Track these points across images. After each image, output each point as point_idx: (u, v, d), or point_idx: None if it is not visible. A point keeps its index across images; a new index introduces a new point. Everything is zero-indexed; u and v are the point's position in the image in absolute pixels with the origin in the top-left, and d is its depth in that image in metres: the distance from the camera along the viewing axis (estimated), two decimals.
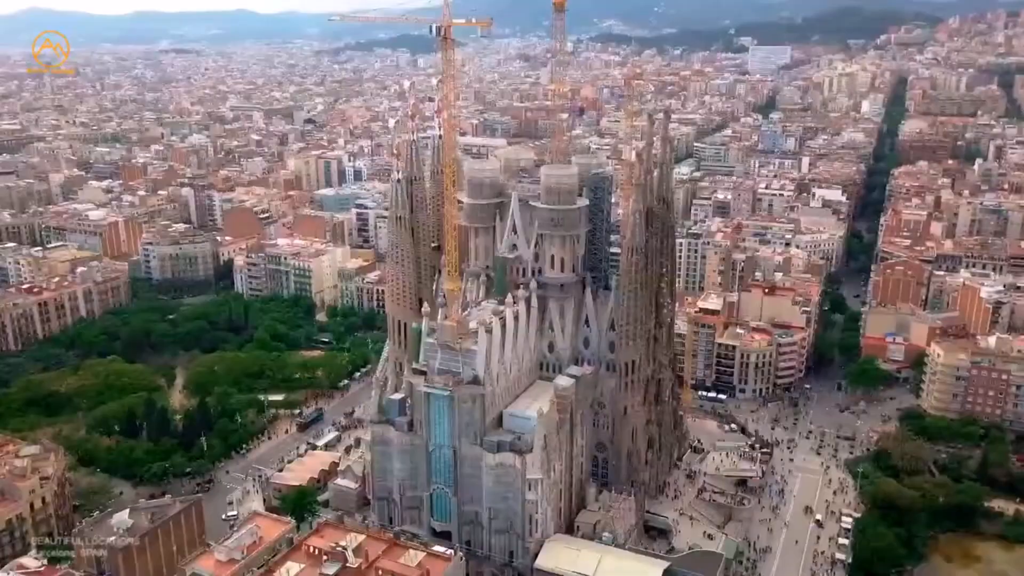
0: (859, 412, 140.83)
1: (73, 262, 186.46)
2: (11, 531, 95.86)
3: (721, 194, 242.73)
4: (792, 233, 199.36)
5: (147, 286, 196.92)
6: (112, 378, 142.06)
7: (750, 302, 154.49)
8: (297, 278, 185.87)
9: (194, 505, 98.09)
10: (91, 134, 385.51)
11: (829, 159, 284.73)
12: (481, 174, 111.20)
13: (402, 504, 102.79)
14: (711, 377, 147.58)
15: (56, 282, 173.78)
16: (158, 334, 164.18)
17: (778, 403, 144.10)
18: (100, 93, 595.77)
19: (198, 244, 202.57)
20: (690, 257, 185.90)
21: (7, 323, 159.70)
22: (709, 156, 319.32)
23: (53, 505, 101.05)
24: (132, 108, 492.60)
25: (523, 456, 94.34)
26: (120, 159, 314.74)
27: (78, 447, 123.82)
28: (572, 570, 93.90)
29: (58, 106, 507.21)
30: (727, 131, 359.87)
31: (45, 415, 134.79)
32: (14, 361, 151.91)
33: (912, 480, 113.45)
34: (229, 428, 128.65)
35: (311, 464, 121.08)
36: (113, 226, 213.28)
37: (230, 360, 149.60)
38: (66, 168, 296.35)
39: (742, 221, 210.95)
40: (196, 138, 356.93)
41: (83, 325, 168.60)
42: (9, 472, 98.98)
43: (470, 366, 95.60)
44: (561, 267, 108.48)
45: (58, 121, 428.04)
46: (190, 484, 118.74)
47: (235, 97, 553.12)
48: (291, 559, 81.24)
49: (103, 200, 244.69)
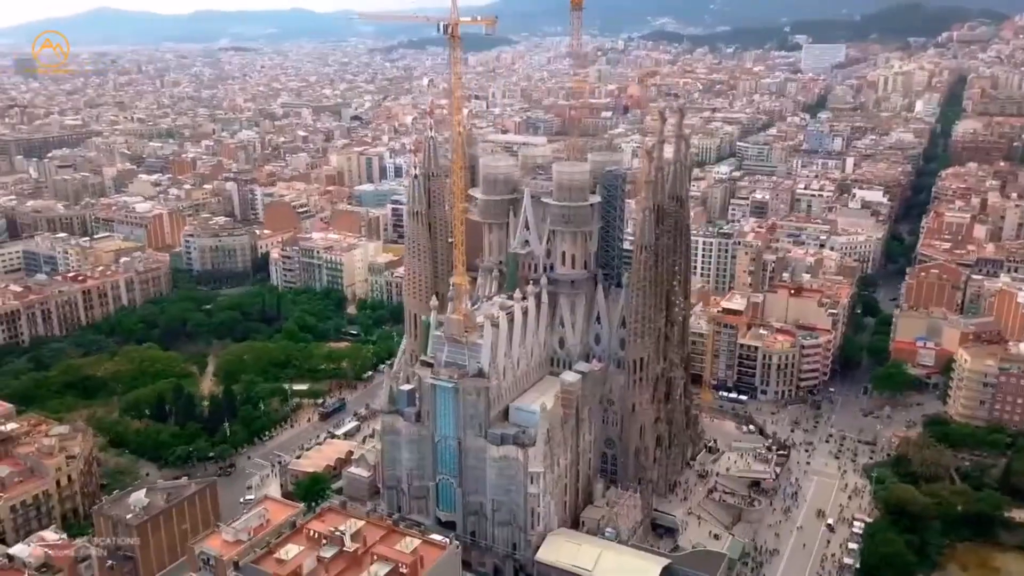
0: (883, 417, 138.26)
1: (117, 252, 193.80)
2: (37, 506, 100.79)
3: (759, 194, 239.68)
4: (827, 234, 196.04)
5: (187, 277, 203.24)
6: (146, 364, 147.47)
7: (775, 303, 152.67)
8: (329, 271, 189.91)
9: (208, 487, 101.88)
10: (147, 130, 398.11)
11: (874, 160, 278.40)
12: (495, 170, 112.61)
13: (410, 493, 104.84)
14: (733, 378, 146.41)
15: (100, 271, 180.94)
16: (193, 323, 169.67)
17: (800, 405, 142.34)
18: (159, 90, 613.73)
19: (237, 237, 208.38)
20: (720, 257, 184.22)
21: (52, 309, 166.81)
22: (752, 156, 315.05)
23: (79, 483, 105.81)
24: (188, 105, 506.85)
25: (526, 449, 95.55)
26: (171, 154, 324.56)
27: (110, 429, 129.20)
28: (571, 564, 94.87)
29: (119, 102, 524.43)
30: (772, 130, 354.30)
31: (82, 398, 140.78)
32: (57, 346, 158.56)
33: (929, 487, 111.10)
34: (252, 415, 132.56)
35: (328, 452, 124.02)
36: (158, 218, 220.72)
37: (258, 349, 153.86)
38: (120, 162, 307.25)
39: (776, 221, 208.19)
40: (245, 134, 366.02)
41: (124, 313, 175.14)
42: (37, 450, 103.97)
43: (475, 359, 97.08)
44: (572, 263, 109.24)
45: (117, 117, 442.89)
46: (213, 468, 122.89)
47: (287, 94, 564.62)
48: (292, 541, 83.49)
49: (151, 193, 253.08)
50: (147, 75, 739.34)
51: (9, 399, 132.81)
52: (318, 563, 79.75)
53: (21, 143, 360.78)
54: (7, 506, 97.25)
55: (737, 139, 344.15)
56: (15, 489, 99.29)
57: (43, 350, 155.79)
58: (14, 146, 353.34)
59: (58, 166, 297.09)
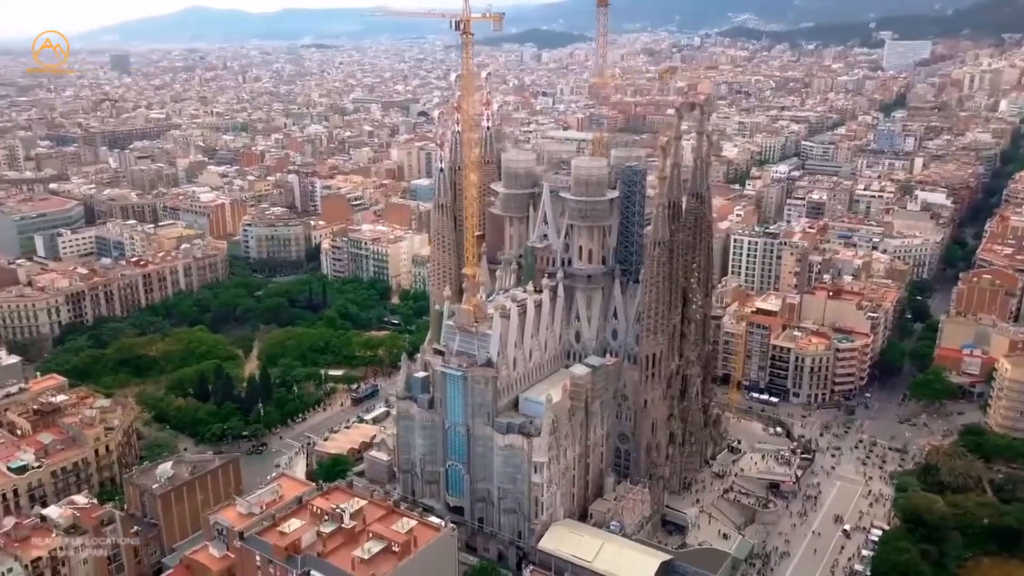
0: (920, 425, 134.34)
1: (179, 239, 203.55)
2: (77, 472, 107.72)
3: (816, 194, 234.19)
4: (880, 236, 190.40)
5: (244, 264, 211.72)
6: (194, 345, 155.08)
7: (813, 305, 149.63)
8: (376, 262, 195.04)
9: (232, 463, 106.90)
10: (223, 123, 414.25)
11: (944, 161, 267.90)
12: (516, 164, 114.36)
13: (422, 478, 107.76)
14: (765, 379, 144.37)
15: (161, 257, 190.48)
16: (243, 308, 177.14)
17: (833, 410, 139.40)
18: (240, 86, 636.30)
19: (291, 227, 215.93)
20: (765, 257, 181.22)
21: (115, 292, 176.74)
22: (816, 155, 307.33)
23: (117, 453, 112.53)
24: (265, 100, 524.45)
25: (530, 439, 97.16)
26: (242, 146, 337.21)
27: (154, 405, 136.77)
28: (572, 554, 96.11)
29: (202, 97, 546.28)
30: (841, 129, 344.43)
31: (134, 375, 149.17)
32: (116, 326, 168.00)
33: (954, 497, 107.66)
34: (286, 398, 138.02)
35: (354, 436, 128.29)
36: (220, 208, 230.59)
37: (299, 335, 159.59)
38: (193, 154, 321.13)
39: (828, 222, 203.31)
40: (314, 128, 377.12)
41: (180, 297, 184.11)
42: (80, 421, 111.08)
43: (485, 349, 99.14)
44: (589, 258, 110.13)
45: (197, 111, 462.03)
46: (246, 446, 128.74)
47: (360, 90, 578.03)
48: (296, 516, 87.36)
49: (218, 184, 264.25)
50: (231, 71, 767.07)
51: (68, 374, 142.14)
52: (317, 537, 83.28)
53: (107, 135, 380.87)
54: (48, 471, 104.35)
55: (803, 138, 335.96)
56: (56, 456, 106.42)
57: (103, 329, 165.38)
58: (100, 138, 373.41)
59: (137, 157, 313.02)
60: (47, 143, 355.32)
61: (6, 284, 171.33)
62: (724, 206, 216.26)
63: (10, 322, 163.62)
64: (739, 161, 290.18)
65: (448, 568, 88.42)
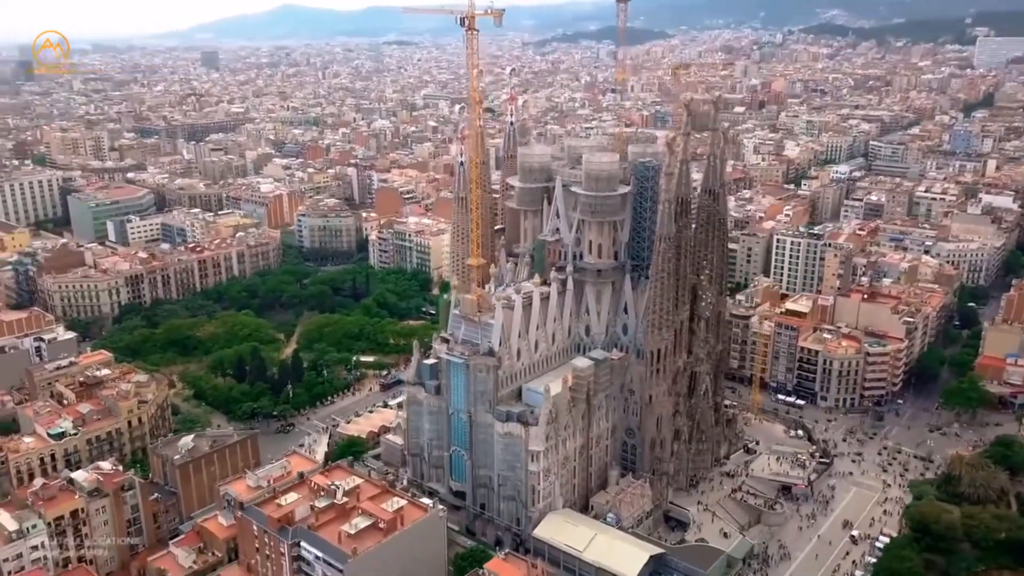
0: (951, 434, 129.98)
1: (236, 227, 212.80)
2: (110, 441, 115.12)
3: (875, 195, 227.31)
4: (934, 240, 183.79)
5: (297, 253, 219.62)
6: (237, 328, 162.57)
7: (847, 307, 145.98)
8: (419, 254, 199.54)
9: (250, 439, 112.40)
10: (297, 117, 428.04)
11: (1019, 163, 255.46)
12: (530, 159, 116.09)
13: (429, 462, 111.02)
14: (792, 381, 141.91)
15: (216, 244, 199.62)
16: (288, 295, 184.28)
17: (861, 415, 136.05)
18: (319, 81, 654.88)
19: (343, 218, 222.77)
20: (808, 258, 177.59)
21: (171, 275, 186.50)
22: (885, 155, 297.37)
23: (149, 425, 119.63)
24: (340, 95, 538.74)
25: (527, 428, 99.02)
26: (310, 140, 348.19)
27: (194, 383, 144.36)
28: (565, 543, 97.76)
29: (281, 92, 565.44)
30: (914, 129, 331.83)
31: (180, 355, 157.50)
32: (170, 307, 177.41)
33: (970, 509, 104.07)
34: (315, 381, 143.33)
35: (376, 420, 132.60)
36: (277, 198, 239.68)
37: (336, 322, 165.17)
38: (263, 147, 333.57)
39: (880, 224, 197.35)
40: (380, 123, 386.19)
41: (232, 282, 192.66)
42: (116, 394, 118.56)
43: (487, 338, 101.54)
44: (599, 253, 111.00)
45: (274, 106, 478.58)
46: (274, 425, 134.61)
47: (434, 86, 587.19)
48: (295, 491, 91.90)
49: (281, 175, 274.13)
50: (313, 67, 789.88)
51: (121, 351, 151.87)
52: (310, 511, 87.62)
53: (186, 128, 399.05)
54: (84, 438, 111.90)
55: (874, 138, 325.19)
56: (93, 425, 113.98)
57: (158, 310, 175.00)
58: (180, 130, 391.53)
59: (211, 149, 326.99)
60: (131, 135, 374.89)
61: (74, 265, 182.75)
62: (774, 206, 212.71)
63: (75, 301, 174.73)
64: (800, 161, 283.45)
65: (438, 549, 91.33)
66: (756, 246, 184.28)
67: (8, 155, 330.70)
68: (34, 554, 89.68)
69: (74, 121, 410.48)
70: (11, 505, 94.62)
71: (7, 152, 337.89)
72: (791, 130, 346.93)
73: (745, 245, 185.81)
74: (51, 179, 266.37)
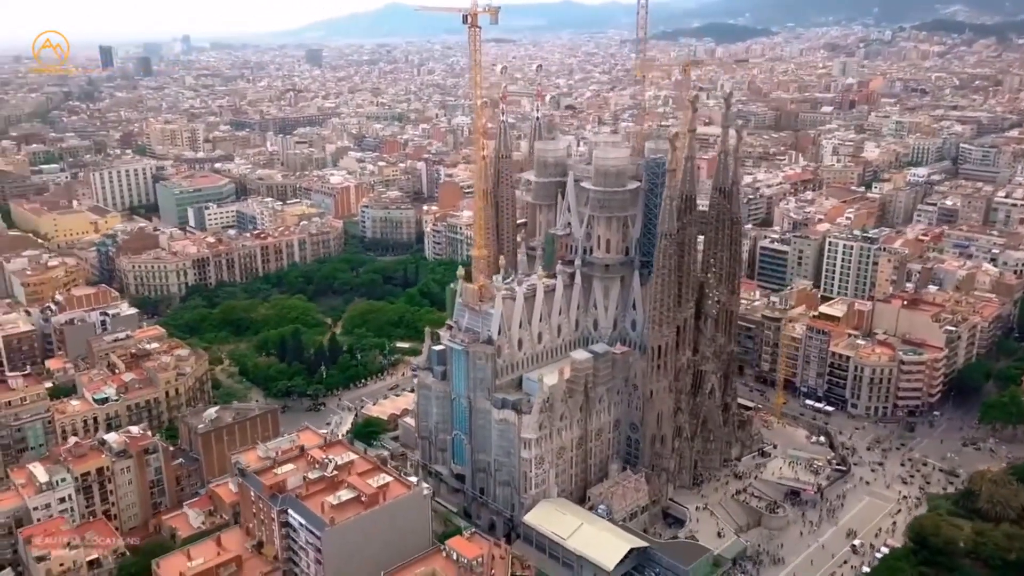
0: (984, 449, 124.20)
1: (300, 216, 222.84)
2: (149, 408, 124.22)
3: (951, 200, 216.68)
4: (1001, 248, 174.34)
5: (359, 243, 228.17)
6: (287, 311, 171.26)
7: (886, 313, 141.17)
8: (469, 246, 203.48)
9: (270, 413, 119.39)
10: (382, 113, 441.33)
11: None
12: (545, 154, 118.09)
13: (435, 444, 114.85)
14: (823, 387, 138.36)
15: (280, 231, 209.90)
16: (340, 282, 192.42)
17: (892, 425, 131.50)
18: (413, 78, 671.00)
19: (403, 211, 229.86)
20: (861, 262, 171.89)
21: (235, 259, 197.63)
22: (974, 159, 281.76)
23: (186, 396, 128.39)
24: (429, 92, 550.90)
25: (520, 415, 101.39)
26: (389, 135, 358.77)
27: (239, 360, 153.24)
28: (551, 530, 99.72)
29: (375, 88, 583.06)
30: (1013, 132, 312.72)
31: (233, 333, 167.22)
32: (230, 289, 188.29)
33: (982, 525, 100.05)
34: (349, 363, 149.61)
35: (400, 403, 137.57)
36: (344, 190, 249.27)
37: (379, 309, 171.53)
38: (344, 140, 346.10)
39: (946, 229, 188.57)
40: (460, 119, 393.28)
41: (292, 268, 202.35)
42: (157, 365, 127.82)
43: (487, 327, 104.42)
44: (607, 248, 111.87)
45: (364, 101, 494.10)
46: (307, 403, 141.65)
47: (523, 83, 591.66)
48: (293, 462, 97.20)
49: (354, 168, 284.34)
50: (410, 64, 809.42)
51: (180, 328, 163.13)
52: (302, 482, 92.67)
53: (278, 121, 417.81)
54: (124, 404, 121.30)
55: (967, 140, 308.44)
56: (134, 393, 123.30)
57: (219, 292, 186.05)
58: (272, 123, 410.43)
59: (296, 142, 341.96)
60: (226, 127, 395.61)
61: (149, 248, 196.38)
62: (836, 208, 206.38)
63: (146, 280, 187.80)
64: (880, 163, 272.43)
65: (420, 526, 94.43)
66: (807, 248, 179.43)
67: (115, 145, 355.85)
68: (61, 505, 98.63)
69: (178, 114, 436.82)
70: (48, 460, 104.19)
71: (115, 142, 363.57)
72: (878, 131, 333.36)
73: (796, 247, 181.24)
74: (145, 168, 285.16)
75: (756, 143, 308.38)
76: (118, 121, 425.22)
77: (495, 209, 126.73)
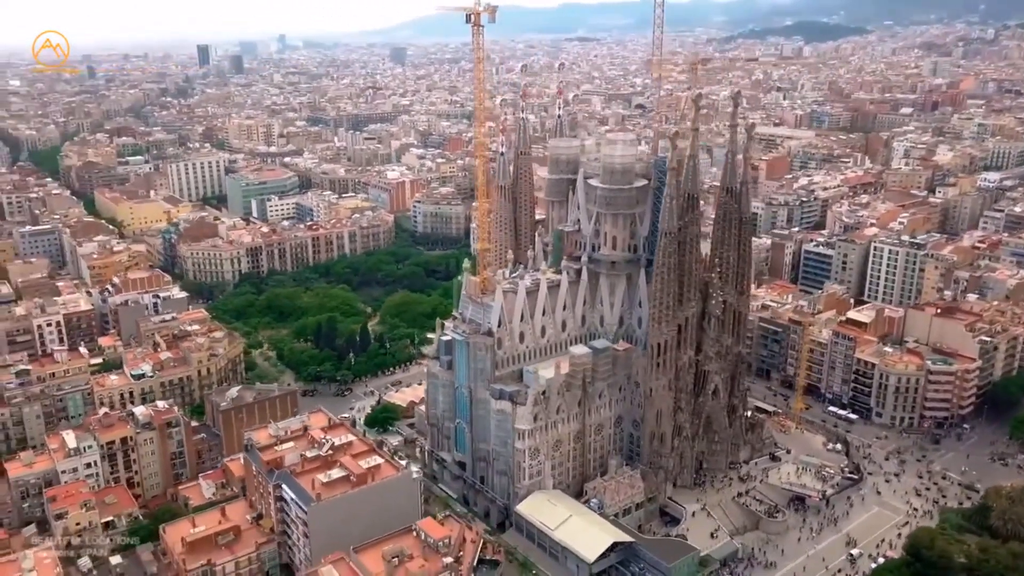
0: (1012, 465, 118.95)
1: (354, 209, 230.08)
2: (182, 386, 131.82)
3: (1019, 207, 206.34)
4: None
5: (410, 236, 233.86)
6: (327, 300, 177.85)
7: (918, 321, 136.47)
8: None
9: (289, 395, 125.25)
10: (454, 111, 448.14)
11: None
12: (558, 151, 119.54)
13: (441, 432, 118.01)
14: (848, 394, 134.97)
15: (332, 223, 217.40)
16: (384, 273, 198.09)
17: (917, 436, 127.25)
18: (491, 77, 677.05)
19: (453, 206, 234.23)
20: (907, 269, 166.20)
21: (287, 249, 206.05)
22: None
23: (218, 376, 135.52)
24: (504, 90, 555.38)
25: (516, 406, 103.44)
26: (455, 132, 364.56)
27: (277, 345, 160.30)
28: (540, 520, 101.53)
29: (452, 86, 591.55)
30: None
31: (276, 319, 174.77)
32: (280, 278, 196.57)
33: (987, 542, 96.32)
34: (378, 352, 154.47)
35: (420, 391, 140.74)
36: (400, 185, 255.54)
37: (415, 301, 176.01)
38: (410, 136, 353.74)
39: (1004, 237, 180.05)
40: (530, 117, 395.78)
41: (340, 259, 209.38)
42: (192, 345, 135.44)
43: (488, 319, 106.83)
44: (614, 245, 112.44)
45: (438, 99, 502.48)
46: (335, 388, 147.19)
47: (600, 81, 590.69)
48: (293, 440, 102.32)
49: (414, 164, 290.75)
50: (491, 62, 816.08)
51: (228, 313, 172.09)
52: (299, 459, 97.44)
53: (352, 117, 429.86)
54: (158, 381, 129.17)
55: None
56: (168, 371, 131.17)
57: (269, 280, 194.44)
58: (345, 119, 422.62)
59: (364, 138, 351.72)
60: (302, 123, 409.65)
61: (208, 236, 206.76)
62: (890, 212, 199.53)
63: (203, 267, 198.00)
64: (952, 166, 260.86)
65: (408, 508, 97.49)
66: (852, 253, 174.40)
67: (198, 139, 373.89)
68: (88, 471, 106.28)
69: (260, 110, 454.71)
70: (81, 429, 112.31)
71: (198, 136, 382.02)
72: (959, 134, 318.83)
73: (840, 251, 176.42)
74: (219, 160, 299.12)
75: (822, 145, 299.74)
76: (204, 116, 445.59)
77: (513, 204, 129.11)
